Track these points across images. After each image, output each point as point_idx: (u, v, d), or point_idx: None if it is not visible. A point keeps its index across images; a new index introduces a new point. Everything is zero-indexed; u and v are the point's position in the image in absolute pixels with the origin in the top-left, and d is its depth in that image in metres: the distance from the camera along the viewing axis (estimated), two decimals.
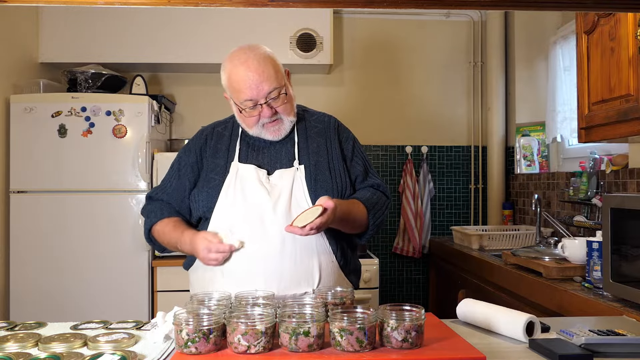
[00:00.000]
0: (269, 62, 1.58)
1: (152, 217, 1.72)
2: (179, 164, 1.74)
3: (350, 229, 1.65)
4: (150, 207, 1.75)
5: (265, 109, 1.57)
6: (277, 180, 1.61)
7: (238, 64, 1.57)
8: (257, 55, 1.57)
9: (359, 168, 1.73)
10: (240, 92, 1.57)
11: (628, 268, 1.75)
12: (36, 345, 1.26)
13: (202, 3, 1.10)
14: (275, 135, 1.64)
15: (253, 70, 1.55)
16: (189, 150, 1.74)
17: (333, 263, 1.62)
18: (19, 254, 2.97)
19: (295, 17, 3.45)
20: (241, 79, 1.56)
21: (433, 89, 3.91)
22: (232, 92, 1.61)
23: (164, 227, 1.68)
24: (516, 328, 1.30)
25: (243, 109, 1.60)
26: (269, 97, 1.57)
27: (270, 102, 1.58)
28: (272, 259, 1.55)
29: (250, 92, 1.55)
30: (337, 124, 1.77)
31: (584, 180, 2.69)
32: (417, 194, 3.76)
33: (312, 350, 1.16)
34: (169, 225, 1.68)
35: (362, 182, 1.73)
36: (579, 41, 2.30)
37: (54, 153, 2.99)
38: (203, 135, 1.75)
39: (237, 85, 1.57)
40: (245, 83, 1.55)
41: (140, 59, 3.42)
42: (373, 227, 1.67)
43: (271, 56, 1.60)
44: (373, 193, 1.70)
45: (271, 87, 1.56)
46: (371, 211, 1.65)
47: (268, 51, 1.62)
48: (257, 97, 1.56)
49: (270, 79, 1.56)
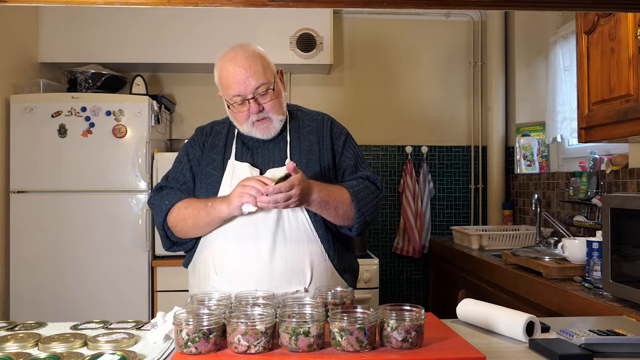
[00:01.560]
0: (258, 58, 1.60)
1: (170, 198, 1.65)
2: (187, 157, 1.74)
3: (335, 217, 1.60)
4: (163, 193, 1.69)
5: (253, 105, 1.59)
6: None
7: (227, 61, 1.61)
8: (245, 52, 1.60)
9: (348, 162, 1.71)
10: (229, 87, 1.59)
11: (628, 268, 1.75)
12: (36, 345, 1.26)
13: (202, 3, 1.10)
14: (264, 133, 1.64)
15: (240, 66, 1.57)
16: (194, 144, 1.75)
17: (326, 262, 1.62)
18: (19, 254, 2.97)
19: (295, 17, 3.45)
20: (229, 75, 1.58)
21: (433, 89, 3.91)
22: (222, 89, 1.64)
23: (187, 203, 1.62)
24: (516, 328, 1.30)
25: (232, 104, 1.62)
26: (256, 92, 1.58)
27: (258, 98, 1.59)
28: (263, 257, 1.56)
29: (237, 87, 1.58)
30: (330, 122, 1.77)
31: (584, 180, 2.69)
32: (417, 194, 3.76)
33: (312, 350, 1.16)
34: (192, 200, 1.63)
35: (350, 174, 1.70)
36: (579, 41, 2.30)
37: (54, 153, 2.99)
38: (204, 132, 1.77)
39: (225, 81, 1.60)
40: (234, 78, 1.58)
41: (140, 59, 3.42)
42: (360, 216, 1.61)
43: (261, 54, 1.63)
44: (361, 182, 1.66)
45: (258, 83, 1.58)
46: (355, 198, 1.60)
47: (258, 49, 1.64)
48: (245, 93, 1.58)
49: (258, 75, 1.58)
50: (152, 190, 1.77)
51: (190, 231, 1.64)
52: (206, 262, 1.64)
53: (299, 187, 1.46)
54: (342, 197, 1.59)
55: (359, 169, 1.72)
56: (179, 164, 1.75)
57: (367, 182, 1.68)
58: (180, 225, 1.64)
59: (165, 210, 1.65)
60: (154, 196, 1.72)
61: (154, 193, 1.74)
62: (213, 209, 1.56)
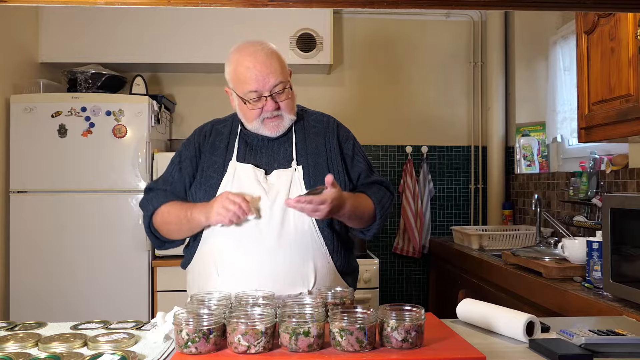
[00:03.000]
0: (276, 56, 1.60)
1: (154, 202, 1.68)
2: (179, 158, 1.73)
3: (358, 224, 1.67)
4: (150, 195, 1.71)
5: (270, 102, 1.58)
6: (275, 180, 1.61)
7: (245, 55, 1.58)
8: (264, 49, 1.59)
9: (362, 166, 1.74)
10: (246, 83, 1.58)
11: (628, 268, 1.75)
12: (36, 345, 1.26)
13: (202, 3, 1.10)
14: (273, 131, 1.63)
15: (261, 62, 1.56)
16: (189, 145, 1.73)
17: (329, 265, 1.62)
18: (19, 254, 2.97)
19: (295, 17, 3.45)
20: (248, 69, 1.57)
21: (433, 89, 3.91)
22: (236, 84, 1.61)
23: (170, 208, 1.64)
24: (516, 328, 1.30)
25: (247, 101, 1.60)
26: (273, 90, 1.58)
27: (275, 96, 1.59)
28: (267, 259, 1.55)
29: (256, 83, 1.56)
30: (336, 124, 1.77)
31: (584, 180, 2.69)
32: (417, 194, 3.76)
33: (312, 350, 1.16)
34: (175, 205, 1.64)
35: (365, 177, 1.74)
36: (579, 41, 2.30)
37: (54, 153, 2.99)
38: (202, 132, 1.74)
39: (242, 77, 1.58)
40: (252, 74, 1.56)
41: (140, 59, 3.42)
42: (379, 221, 1.68)
43: (277, 52, 1.63)
44: (379, 188, 1.72)
45: (277, 81, 1.57)
46: (379, 205, 1.67)
47: (274, 47, 1.64)
48: (262, 89, 1.57)
49: (277, 73, 1.58)
50: (144, 191, 1.78)
51: (175, 234, 1.68)
52: (207, 264, 1.62)
53: (330, 205, 1.48)
54: (368, 207, 1.66)
55: (373, 172, 1.77)
56: (170, 166, 1.75)
57: (383, 188, 1.74)
58: (164, 228, 1.67)
59: (149, 215, 1.68)
60: (143, 198, 1.74)
61: (144, 194, 1.76)
62: (192, 219, 1.58)
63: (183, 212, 1.61)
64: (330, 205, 1.47)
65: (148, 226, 1.70)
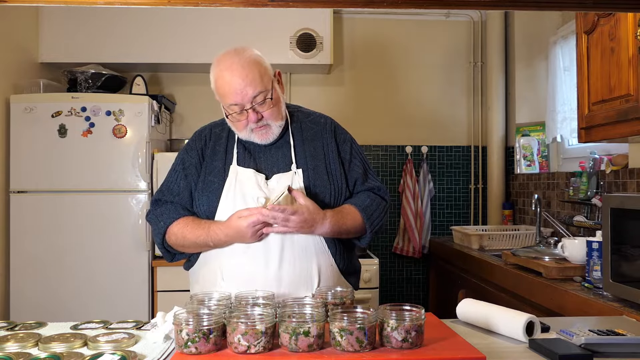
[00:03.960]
0: (254, 66, 1.56)
1: (165, 219, 1.64)
2: (183, 165, 1.70)
3: (346, 237, 1.67)
4: (159, 211, 1.67)
5: (251, 114, 1.56)
6: (275, 184, 1.61)
7: (223, 69, 1.56)
8: (241, 60, 1.55)
9: (358, 170, 1.71)
10: (226, 96, 1.56)
11: (628, 268, 1.75)
12: (36, 345, 1.26)
13: (202, 3, 1.10)
14: (263, 139, 1.62)
15: (237, 75, 1.53)
16: (191, 151, 1.71)
17: (332, 266, 1.62)
18: (19, 254, 2.97)
19: (295, 17, 3.45)
20: (226, 84, 1.55)
21: (433, 89, 3.91)
22: (219, 97, 1.61)
23: (184, 228, 1.61)
24: (516, 328, 1.30)
25: (230, 114, 1.59)
26: (254, 101, 1.55)
27: (256, 107, 1.56)
28: (271, 263, 1.55)
29: (235, 97, 1.54)
30: (333, 126, 1.75)
31: (584, 180, 2.69)
32: (417, 194, 3.77)
33: (312, 350, 1.16)
34: (188, 224, 1.61)
35: (361, 184, 1.71)
36: (579, 41, 2.30)
37: (54, 153, 2.99)
38: (202, 136, 1.73)
39: (222, 90, 1.57)
40: (230, 88, 1.54)
41: (140, 59, 3.42)
42: (371, 231, 1.67)
43: (257, 60, 1.58)
44: (372, 199, 1.69)
45: (256, 92, 1.54)
46: (369, 219, 1.64)
47: (254, 54, 1.59)
48: (242, 102, 1.55)
49: (255, 83, 1.54)
50: (151, 203, 1.75)
51: (191, 250, 1.66)
52: (212, 268, 1.62)
53: (301, 217, 1.49)
54: (355, 222, 1.63)
55: (368, 177, 1.74)
56: (173, 173, 1.72)
57: (378, 197, 1.71)
58: (180, 244, 1.64)
59: (162, 232, 1.65)
60: (151, 213, 1.70)
61: (151, 207, 1.72)
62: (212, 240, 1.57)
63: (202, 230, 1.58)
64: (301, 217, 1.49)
65: (161, 243, 1.67)
